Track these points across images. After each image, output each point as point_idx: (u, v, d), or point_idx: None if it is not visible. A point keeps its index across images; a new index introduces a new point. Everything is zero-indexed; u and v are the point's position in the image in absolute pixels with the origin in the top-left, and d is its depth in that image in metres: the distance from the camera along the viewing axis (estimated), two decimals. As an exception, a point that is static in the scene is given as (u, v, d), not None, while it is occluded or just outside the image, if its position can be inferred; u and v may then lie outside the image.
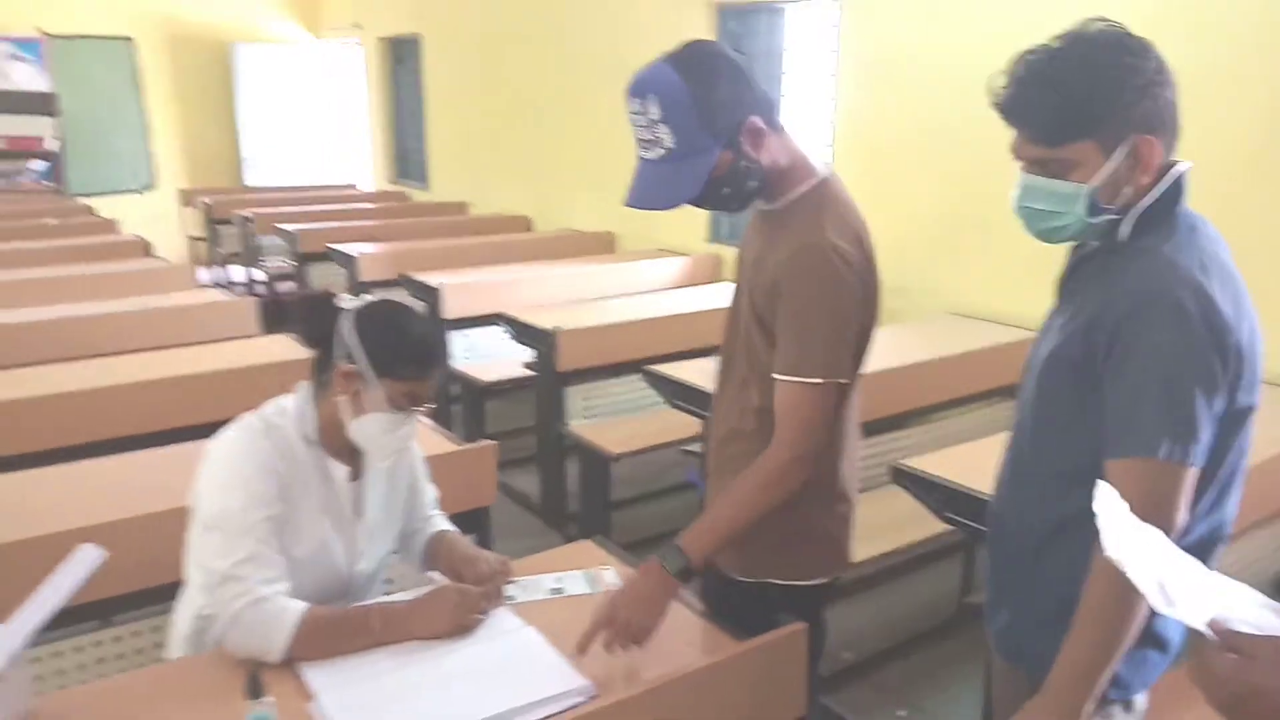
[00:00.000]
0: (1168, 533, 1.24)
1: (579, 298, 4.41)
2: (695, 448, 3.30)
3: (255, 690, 1.26)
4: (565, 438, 3.62)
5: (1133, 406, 1.25)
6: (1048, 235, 1.38)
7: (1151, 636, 1.39)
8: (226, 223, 7.50)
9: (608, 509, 3.54)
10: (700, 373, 3.13)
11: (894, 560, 2.86)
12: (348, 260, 5.35)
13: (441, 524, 1.92)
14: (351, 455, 1.73)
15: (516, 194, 7.01)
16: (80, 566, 1.30)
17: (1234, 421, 1.29)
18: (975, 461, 2.33)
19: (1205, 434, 1.24)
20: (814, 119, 4.59)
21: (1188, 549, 1.30)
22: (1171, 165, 1.32)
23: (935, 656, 3.00)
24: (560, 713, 1.39)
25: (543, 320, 3.70)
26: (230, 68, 9.07)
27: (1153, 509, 1.22)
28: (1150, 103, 1.26)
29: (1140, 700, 1.48)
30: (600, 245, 6.03)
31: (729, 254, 5.22)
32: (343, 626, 1.55)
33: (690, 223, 5.40)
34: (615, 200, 6.66)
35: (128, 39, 8.69)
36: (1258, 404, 1.30)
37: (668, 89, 1.50)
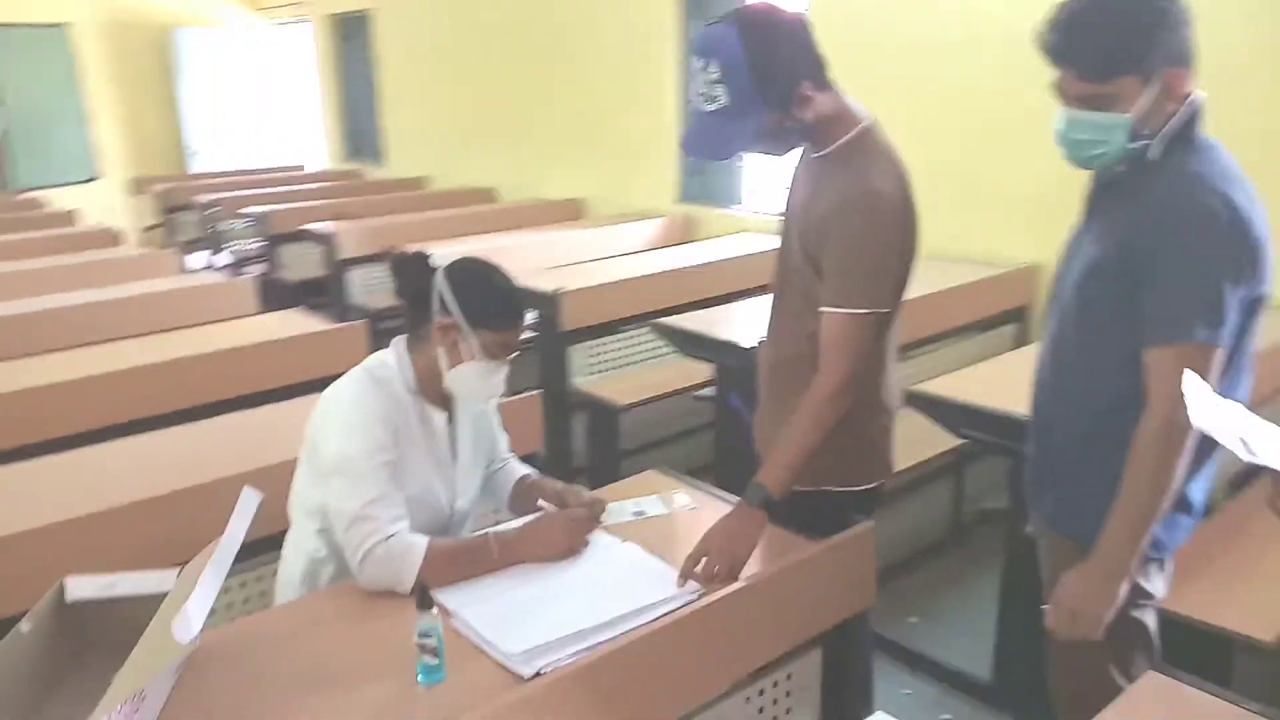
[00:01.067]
0: None
1: (559, 262, 4.55)
2: (707, 392, 3.49)
3: (426, 602, 1.41)
4: (571, 395, 3.77)
5: (1171, 299, 1.47)
6: (1088, 162, 1.58)
7: (1182, 502, 1.63)
8: (183, 209, 7.44)
9: (618, 459, 3.71)
10: (707, 323, 3.32)
11: (898, 480, 3.06)
12: (325, 239, 5.39)
13: (520, 467, 2.08)
14: (445, 402, 1.87)
15: (479, 166, 7.08)
16: (247, 509, 1.43)
17: (1251, 309, 1.52)
18: (982, 383, 2.57)
19: (1231, 319, 1.47)
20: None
21: (1209, 427, 1.54)
22: (1190, 94, 1.53)
23: (937, 568, 3.25)
24: (676, 609, 1.57)
25: (541, 283, 3.83)
26: (171, 53, 8.91)
27: None
28: (1178, 39, 1.47)
29: (1169, 563, 1.72)
30: (570, 212, 6.16)
31: (701, 214, 5.40)
32: (465, 555, 1.71)
33: (659, 185, 5.56)
34: (582, 167, 6.86)
35: (63, 26, 8.46)
36: (1270, 293, 1.53)
37: (729, 54, 1.66)
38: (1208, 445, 1.57)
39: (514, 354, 1.83)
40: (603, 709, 1.44)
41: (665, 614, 1.57)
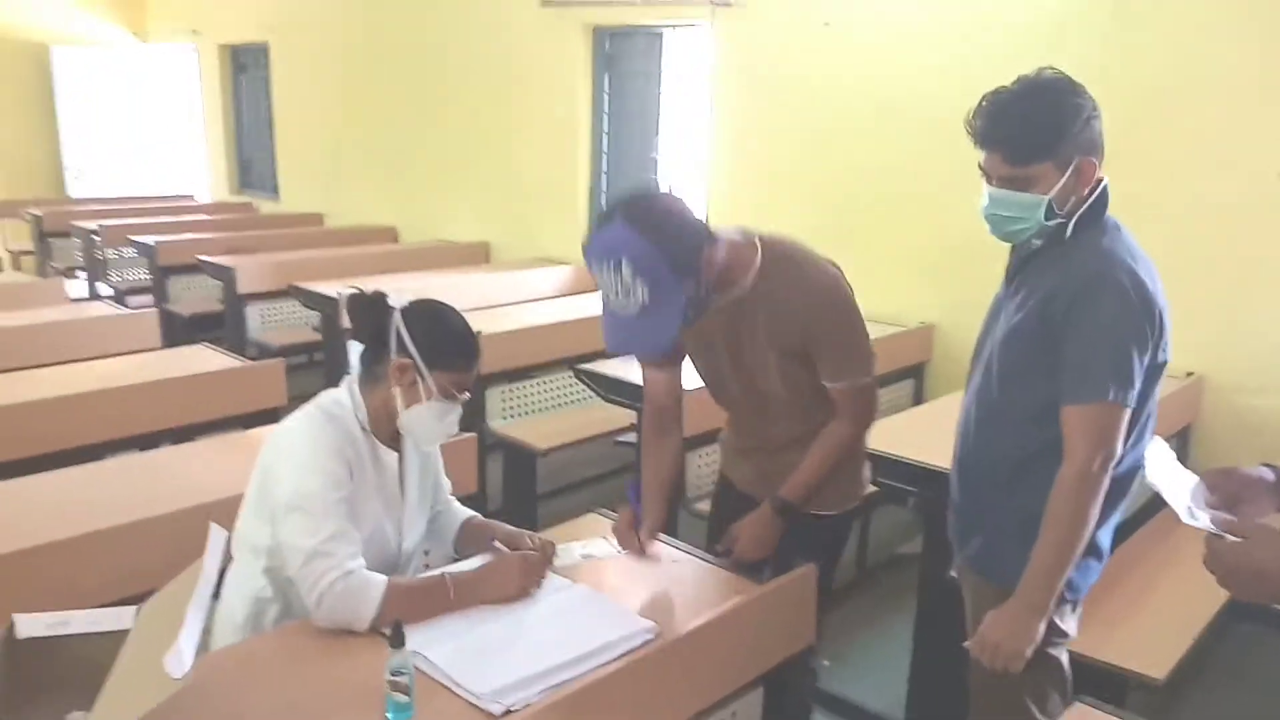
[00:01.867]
0: (1112, 460, 1.64)
1: (469, 305, 4.54)
2: (629, 438, 3.55)
3: (398, 640, 1.41)
4: (488, 437, 3.77)
5: (1087, 362, 1.64)
6: (1009, 236, 1.75)
7: (1093, 549, 1.78)
8: (59, 236, 7.08)
9: (535, 501, 3.72)
10: (628, 369, 3.39)
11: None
12: (223, 272, 5.23)
13: (463, 510, 2.09)
14: (396, 442, 1.88)
15: (378, 204, 7.01)
16: (217, 545, 1.41)
17: (1153, 374, 1.70)
18: (890, 433, 2.72)
19: (1138, 382, 1.64)
20: (693, 137, 4.95)
21: (1121, 476, 1.71)
22: (1100, 179, 1.71)
23: (846, 612, 3.37)
24: (636, 648, 1.62)
25: (459, 325, 3.83)
26: (49, 72, 8.51)
27: (1102, 441, 1.63)
28: (1090, 131, 1.65)
29: (1080, 604, 1.87)
30: (476, 255, 6.16)
31: (610, 261, 5.47)
32: (423, 594, 1.72)
33: (569, 231, 5.63)
34: (487, 209, 6.85)
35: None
36: (1170, 359, 1.71)
37: (637, 252, 1.68)
38: (1116, 495, 1.74)
39: (466, 394, 1.86)
40: (568, 745, 1.47)
41: (625, 652, 1.61)
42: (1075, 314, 1.65)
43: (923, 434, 2.65)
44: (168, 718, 1.36)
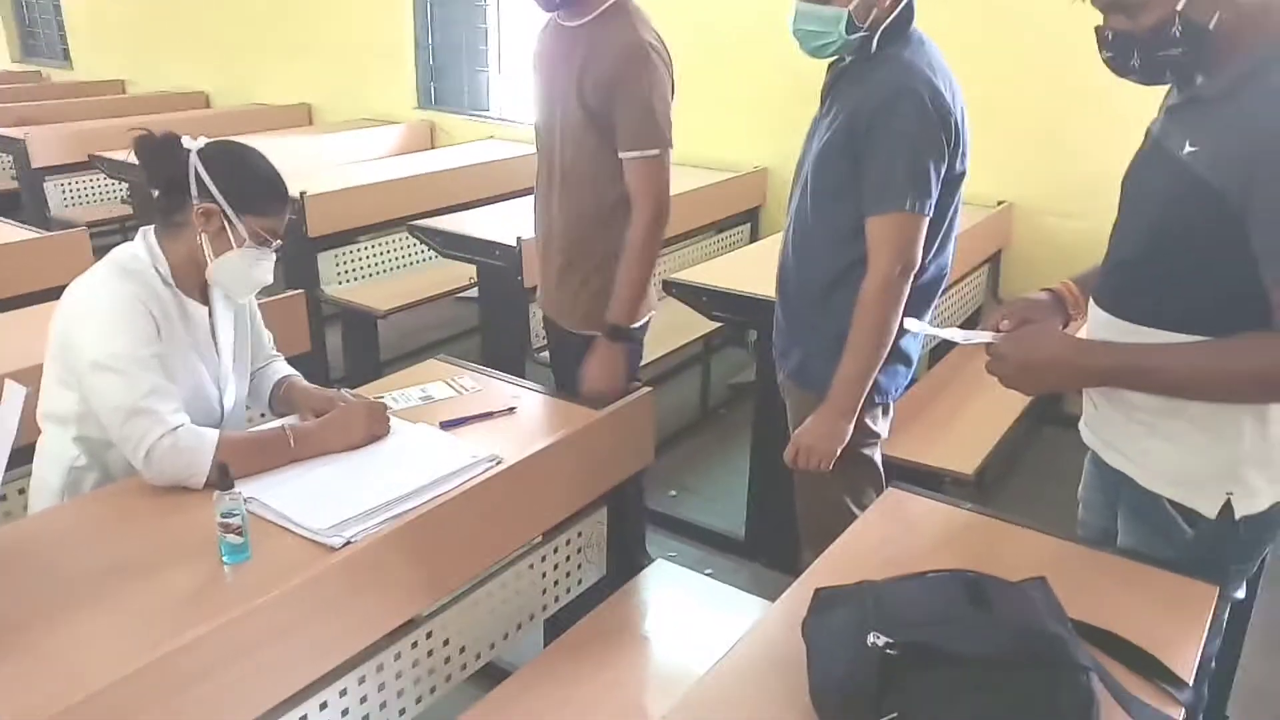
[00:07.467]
0: (911, 268, 1.74)
1: (295, 169, 4.29)
2: (471, 294, 3.51)
3: (226, 483, 1.38)
4: (324, 302, 3.65)
5: (886, 173, 1.71)
6: (817, 51, 1.78)
7: (900, 354, 1.91)
8: None
9: (379, 367, 3.66)
10: (466, 224, 3.33)
11: (654, 369, 3.28)
12: (12, 145, 4.76)
13: (283, 368, 2.00)
14: (203, 295, 1.78)
15: (184, 70, 6.48)
16: (14, 401, 1.32)
17: (951, 184, 1.79)
18: (728, 271, 2.81)
19: (935, 192, 1.73)
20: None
21: (924, 285, 1.83)
22: (903, -7, 1.75)
23: (692, 447, 3.52)
24: (480, 474, 1.64)
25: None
26: None
27: (901, 250, 1.73)
28: None
29: (891, 408, 2.01)
30: (297, 118, 5.83)
31: (444, 120, 5.29)
32: (259, 446, 1.67)
33: (397, 90, 5.38)
34: (307, 70, 6.49)
35: None
36: (967, 170, 1.80)
37: None
38: (920, 303, 1.86)
39: (279, 241, 1.78)
40: (411, 571, 1.51)
41: (464, 481, 1.63)
42: (875, 127, 1.70)
43: (757, 272, 2.73)
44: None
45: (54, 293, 1.72)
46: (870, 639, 1.03)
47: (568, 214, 2.17)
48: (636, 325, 2.21)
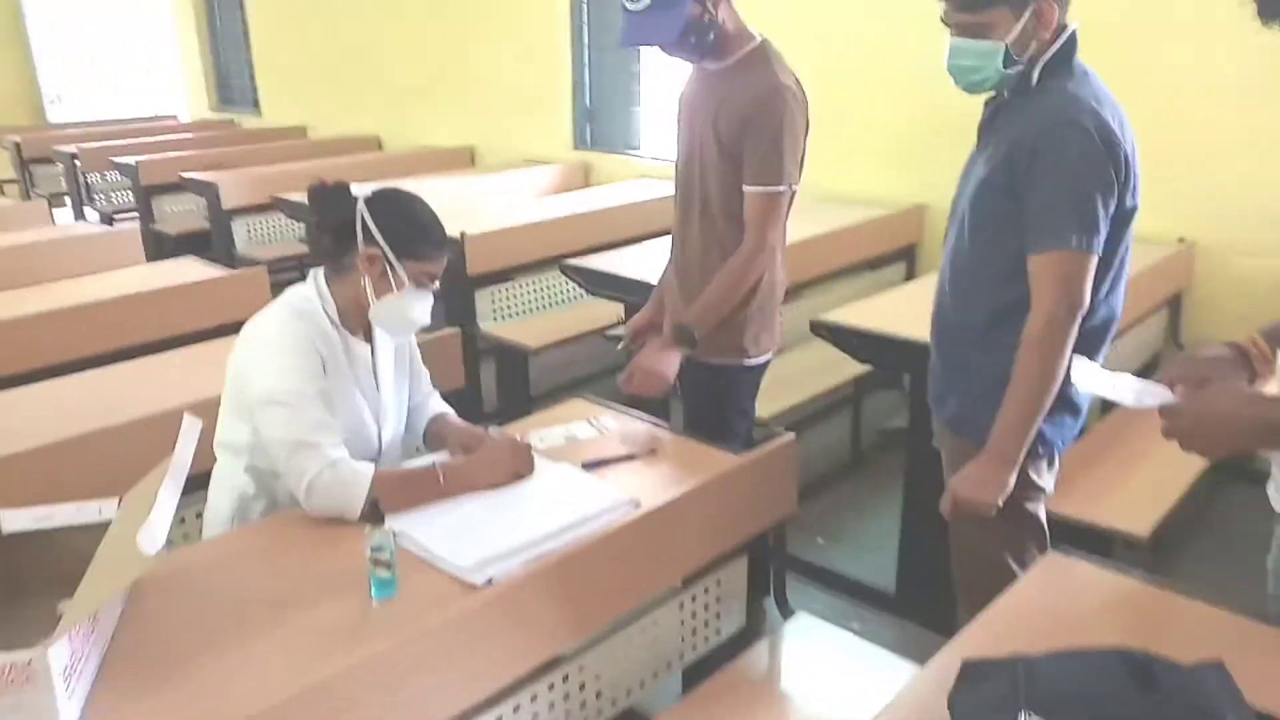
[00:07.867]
0: (1078, 309, 1.62)
1: (457, 209, 4.49)
2: (619, 331, 3.54)
3: (377, 517, 1.43)
4: (479, 339, 3.77)
5: (1049, 209, 1.62)
6: (972, 87, 1.72)
7: (1067, 404, 1.79)
8: (42, 162, 7.00)
9: (529, 403, 3.74)
10: (615, 263, 3.37)
11: (801, 411, 3.21)
12: (206, 188, 5.18)
13: (438, 405, 2.09)
14: (367, 334, 1.87)
15: (361, 114, 6.89)
16: (191, 434, 1.42)
17: (1123, 220, 1.67)
18: (881, 312, 2.72)
19: (1103, 227, 1.62)
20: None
21: (1094, 328, 1.71)
22: (1065, 25, 1.66)
23: (841, 493, 3.42)
24: (620, 517, 1.64)
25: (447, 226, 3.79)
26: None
27: (1067, 289, 1.62)
28: None
29: (1057, 460, 1.88)
30: (461, 160, 6.09)
31: (598, 160, 5.41)
32: (412, 482, 1.73)
33: (553, 132, 5.54)
34: (471, 114, 6.73)
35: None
36: (1139, 205, 1.68)
37: None
38: (1090, 347, 1.73)
39: (436, 284, 1.85)
40: (551, 611, 1.51)
41: (604, 524, 1.63)
42: (1038, 161, 1.62)
43: (912, 312, 2.63)
44: (158, 605, 1.41)
45: (235, 327, 1.84)
46: (1021, 719, 0.96)
47: (706, 246, 2.23)
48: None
